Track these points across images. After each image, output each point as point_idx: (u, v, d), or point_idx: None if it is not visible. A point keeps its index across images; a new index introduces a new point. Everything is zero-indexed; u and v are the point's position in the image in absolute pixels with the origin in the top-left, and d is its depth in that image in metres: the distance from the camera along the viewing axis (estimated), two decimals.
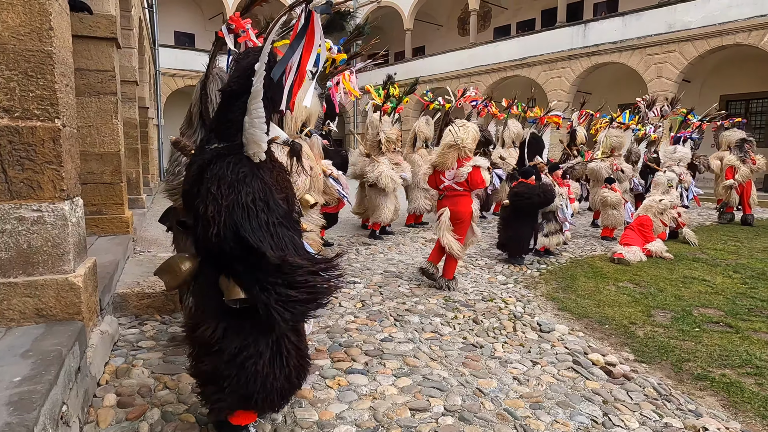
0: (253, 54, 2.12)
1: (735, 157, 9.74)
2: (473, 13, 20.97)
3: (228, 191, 1.93)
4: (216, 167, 1.99)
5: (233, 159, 2.01)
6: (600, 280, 5.50)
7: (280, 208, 2.01)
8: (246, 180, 1.97)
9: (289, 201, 2.22)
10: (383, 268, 5.80)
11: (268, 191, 2.00)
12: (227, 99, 2.11)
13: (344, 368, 3.13)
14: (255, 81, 1.98)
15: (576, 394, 2.95)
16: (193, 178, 2.06)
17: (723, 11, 14.05)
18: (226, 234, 1.91)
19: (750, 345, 3.73)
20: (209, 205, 1.93)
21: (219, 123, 2.13)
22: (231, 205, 1.91)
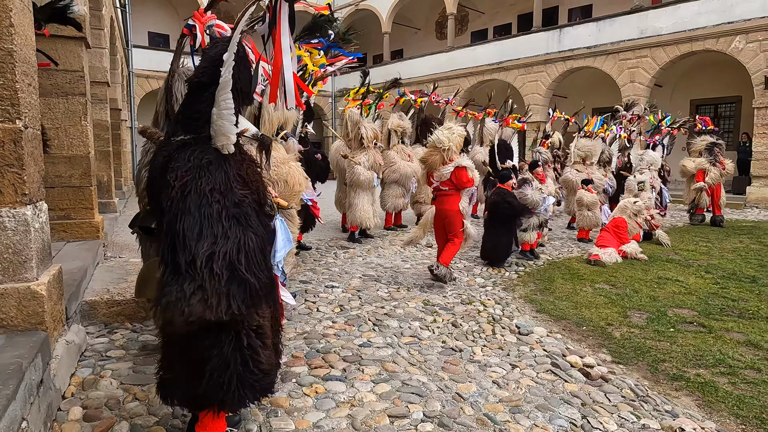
0: (221, 44, 2.06)
1: (705, 160, 9.98)
2: (451, 17, 21.11)
3: (185, 175, 1.86)
4: (180, 156, 1.92)
5: (199, 148, 1.95)
6: (577, 282, 5.55)
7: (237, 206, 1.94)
8: (209, 168, 1.91)
9: (260, 195, 2.14)
10: (362, 271, 5.75)
11: (229, 185, 1.93)
12: (194, 90, 2.05)
13: (322, 375, 3.07)
14: (223, 71, 1.92)
15: (555, 397, 2.95)
16: (159, 170, 1.99)
17: (692, 18, 14.43)
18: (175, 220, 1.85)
19: (723, 345, 3.79)
20: (164, 193, 1.87)
21: (185, 115, 2.06)
22: (188, 189, 1.85)
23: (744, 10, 13.47)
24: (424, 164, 5.35)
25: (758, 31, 13.25)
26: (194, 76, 2.08)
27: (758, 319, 4.38)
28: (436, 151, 5.14)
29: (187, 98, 2.09)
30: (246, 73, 2.03)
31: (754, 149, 13.67)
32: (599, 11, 18.42)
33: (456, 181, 5.04)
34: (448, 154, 5.07)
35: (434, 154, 5.17)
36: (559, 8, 20.40)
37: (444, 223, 5.24)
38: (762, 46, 13.23)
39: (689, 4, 14.71)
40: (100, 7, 7.55)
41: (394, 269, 5.91)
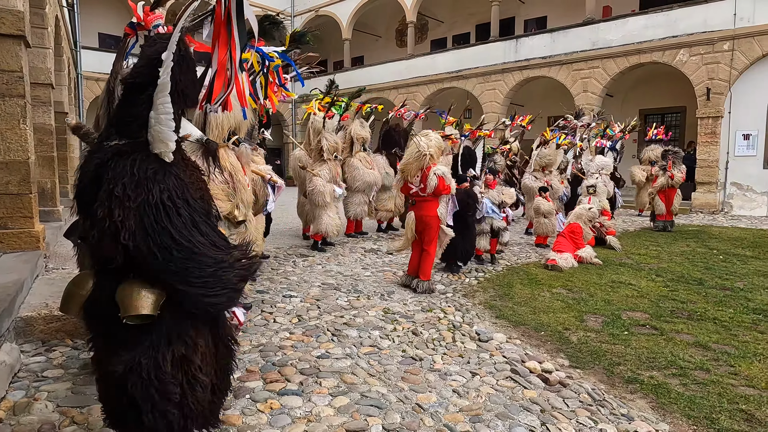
0: (159, 42, 1.91)
1: (657, 167, 10.39)
2: (410, 25, 21.31)
3: (136, 191, 1.73)
4: (118, 166, 1.77)
5: (138, 156, 1.80)
6: (535, 287, 5.62)
7: (200, 206, 1.85)
8: (157, 177, 1.78)
9: (207, 203, 2.02)
10: (321, 280, 5.64)
11: (185, 188, 1.82)
12: (130, 92, 1.89)
13: (277, 389, 2.95)
14: (162, 72, 1.78)
15: (515, 405, 2.93)
16: (90, 178, 1.83)
17: (640, 31, 15.08)
18: (140, 238, 1.72)
19: (674, 347, 3.90)
20: (114, 209, 1.71)
21: (121, 118, 1.90)
22: (142, 205, 1.72)
23: (687, 25, 14.19)
24: (403, 172, 5.35)
25: (700, 45, 13.98)
26: (130, 76, 1.92)
27: (705, 321, 4.54)
28: (416, 158, 5.16)
29: (123, 100, 1.93)
30: (189, 75, 1.90)
31: (698, 157, 14.36)
32: (553, 23, 19.00)
33: (436, 188, 5.12)
34: (429, 160, 5.12)
35: (413, 161, 5.18)
36: (515, 19, 20.93)
37: (421, 228, 5.31)
38: (704, 59, 13.95)
39: (637, 18, 15.39)
40: (42, 5, 7.16)
41: (354, 277, 5.83)
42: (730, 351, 3.83)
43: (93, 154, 1.90)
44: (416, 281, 5.31)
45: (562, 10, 18.98)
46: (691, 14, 14.16)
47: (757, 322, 4.50)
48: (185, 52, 1.88)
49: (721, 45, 13.63)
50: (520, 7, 20.51)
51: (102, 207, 1.74)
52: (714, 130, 13.97)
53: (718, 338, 4.09)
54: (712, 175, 14.03)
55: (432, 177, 5.06)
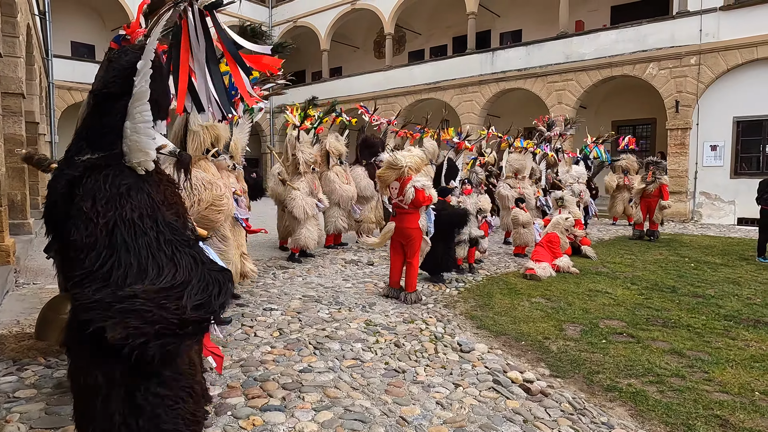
0: (132, 52, 1.88)
1: (639, 177, 10.66)
2: (388, 36, 21.51)
3: (106, 207, 1.67)
4: (90, 181, 1.72)
5: (112, 171, 1.75)
6: (515, 297, 5.68)
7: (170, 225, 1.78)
8: (130, 194, 1.72)
9: (181, 217, 1.97)
10: (302, 292, 5.59)
11: (155, 207, 1.77)
12: (103, 102, 1.86)
13: (259, 405, 2.91)
14: (138, 81, 1.75)
15: (498, 415, 2.95)
16: (60, 194, 1.77)
17: (611, 45, 15.53)
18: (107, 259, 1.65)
19: (650, 354, 3.98)
20: (82, 227, 1.65)
21: (93, 129, 1.86)
22: (111, 222, 1.66)
23: (656, 40, 14.67)
24: (379, 179, 5.46)
25: (668, 59, 14.46)
26: (102, 86, 1.88)
27: (680, 328, 4.65)
28: (391, 170, 5.25)
29: (94, 111, 1.88)
30: (162, 84, 1.88)
31: (668, 167, 14.76)
32: (528, 36, 19.42)
33: (414, 200, 5.18)
34: (405, 172, 5.18)
35: (388, 171, 5.28)
36: (491, 32, 21.31)
37: (404, 241, 5.37)
38: (672, 73, 14.42)
39: (608, 33, 15.84)
40: (14, 13, 7.02)
41: (335, 289, 5.81)
42: (703, 357, 3.93)
43: (62, 170, 1.83)
44: (404, 294, 5.36)
45: (537, 23, 19.41)
46: (659, 29, 14.65)
47: (728, 329, 4.63)
48: (158, 62, 1.85)
49: (688, 59, 14.12)
50: (496, 20, 20.91)
51: (73, 226, 1.68)
52: (683, 141, 14.42)
53: (692, 345, 4.20)
54: (682, 185, 14.45)
55: (410, 189, 5.12)
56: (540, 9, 19.13)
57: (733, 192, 13.75)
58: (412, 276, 5.36)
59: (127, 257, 1.64)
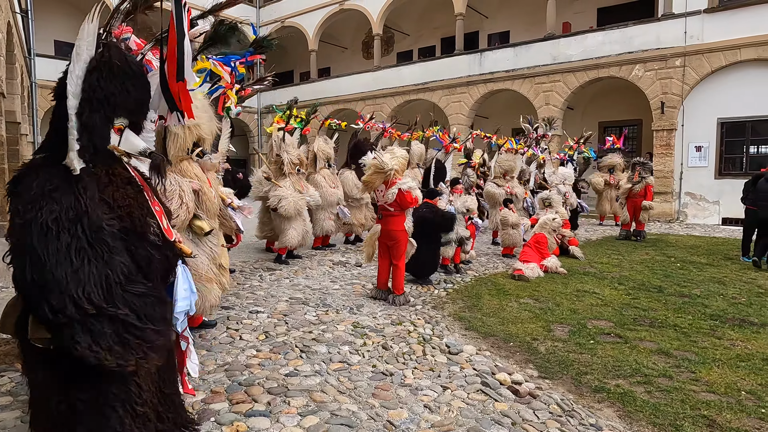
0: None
1: (626, 176, 10.72)
2: (377, 37, 21.47)
3: (26, 208, 1.63)
4: (26, 181, 1.70)
5: (46, 170, 1.72)
6: (503, 298, 5.67)
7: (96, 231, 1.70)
8: (53, 195, 1.66)
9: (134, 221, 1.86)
10: (289, 294, 5.53)
11: (82, 210, 1.68)
12: (57, 102, 1.83)
13: (244, 411, 2.85)
14: (69, 80, 1.72)
15: (486, 418, 2.92)
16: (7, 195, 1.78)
17: (598, 47, 15.64)
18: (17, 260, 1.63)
19: (638, 354, 3.98)
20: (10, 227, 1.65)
21: (49, 131, 1.85)
22: (27, 224, 1.61)
23: (642, 42, 14.80)
24: (366, 185, 5.39)
25: (654, 61, 14.60)
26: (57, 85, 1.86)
27: (666, 328, 4.67)
28: (377, 173, 5.19)
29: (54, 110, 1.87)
30: (115, 81, 1.79)
31: (654, 168, 14.91)
32: (516, 38, 19.49)
33: (400, 202, 5.16)
34: (391, 175, 5.15)
35: (374, 174, 5.22)
36: (479, 33, 21.36)
37: (390, 243, 5.34)
38: (658, 75, 14.56)
39: (595, 34, 15.95)
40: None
41: (323, 291, 5.75)
42: (690, 357, 3.94)
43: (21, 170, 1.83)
44: (392, 297, 5.33)
45: (525, 25, 19.50)
46: (645, 31, 14.78)
47: (714, 328, 4.66)
48: (110, 58, 1.78)
49: (673, 61, 14.27)
50: (484, 21, 20.97)
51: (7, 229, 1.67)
52: (668, 142, 14.56)
53: (679, 345, 4.21)
54: (668, 185, 14.59)
55: (392, 190, 5.09)
56: (528, 11, 19.22)
57: (717, 192, 13.91)
58: (399, 278, 5.33)
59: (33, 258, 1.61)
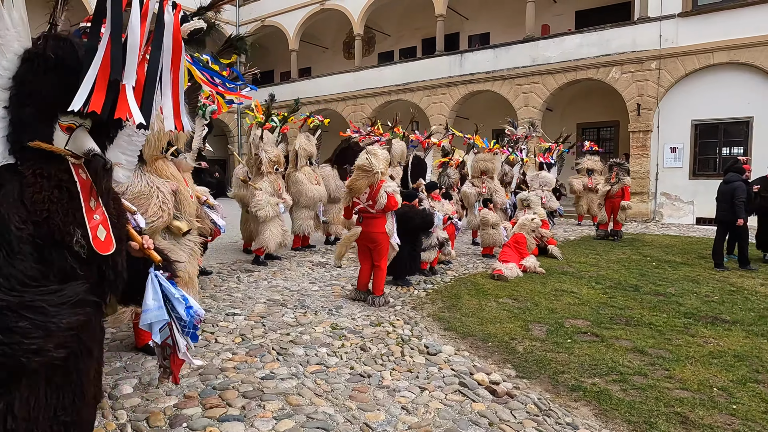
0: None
1: (603, 179, 10.89)
2: (358, 37, 21.43)
3: None
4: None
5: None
6: (482, 298, 5.68)
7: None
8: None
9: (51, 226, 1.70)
10: (267, 296, 5.46)
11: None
12: None
13: (217, 415, 2.79)
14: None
15: (463, 419, 2.91)
16: None
17: (576, 49, 15.85)
18: None
19: (614, 353, 4.02)
20: None
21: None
22: None
23: (618, 44, 15.05)
24: (350, 190, 5.30)
25: (630, 64, 14.85)
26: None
27: (642, 326, 4.73)
28: (363, 176, 5.13)
29: None
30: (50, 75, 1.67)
31: (631, 169, 15.16)
32: (496, 39, 19.63)
33: (386, 205, 5.15)
34: (378, 178, 5.11)
35: (361, 178, 5.16)
36: (459, 34, 21.48)
37: (371, 246, 5.32)
38: (634, 77, 14.81)
39: (573, 37, 16.17)
40: None
41: (302, 292, 5.69)
42: (665, 355, 4.00)
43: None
44: (371, 297, 5.31)
45: (504, 27, 19.66)
46: (621, 34, 15.03)
47: (688, 326, 4.74)
48: (44, 50, 1.66)
49: (649, 64, 14.53)
50: (464, 23, 21.09)
51: None
52: (644, 143, 14.82)
53: (654, 343, 4.27)
54: (644, 186, 14.85)
55: (382, 194, 5.09)
56: (507, 13, 19.39)
57: (691, 192, 14.20)
58: (380, 279, 5.30)
59: None
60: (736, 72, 13.39)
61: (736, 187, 7.31)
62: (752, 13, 13.03)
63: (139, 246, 2.02)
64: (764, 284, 6.54)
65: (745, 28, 13.03)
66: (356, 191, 5.23)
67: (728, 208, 7.37)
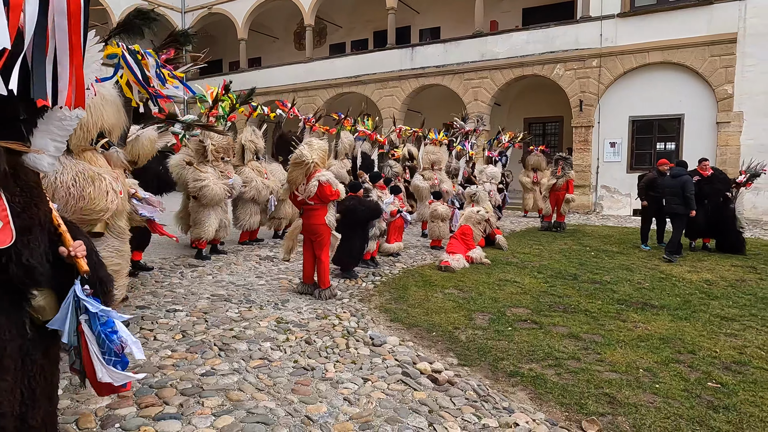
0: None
1: (549, 173, 11.28)
2: (309, 28, 21.13)
3: None
4: None
5: None
6: (429, 289, 5.78)
7: None
8: None
9: None
10: (211, 291, 5.33)
11: None
12: None
13: (153, 414, 2.71)
14: None
15: (404, 407, 2.97)
16: None
17: (522, 46, 16.29)
18: None
19: (551, 339, 4.20)
20: None
21: None
22: None
23: (562, 42, 15.57)
24: (288, 182, 5.30)
25: (573, 61, 15.41)
26: None
27: (578, 313, 4.96)
28: (298, 167, 5.12)
29: None
30: None
31: (574, 162, 15.78)
32: (446, 34, 19.87)
33: (320, 195, 5.10)
34: (311, 168, 5.08)
35: (296, 169, 5.16)
36: (410, 28, 21.58)
37: (312, 238, 5.30)
38: (577, 74, 15.38)
39: (519, 34, 16.59)
40: None
41: (247, 287, 5.60)
42: (597, 340, 4.21)
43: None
44: (317, 291, 5.29)
45: (454, 22, 19.92)
46: (565, 32, 15.56)
47: (620, 312, 5.00)
48: None
49: (590, 61, 15.12)
50: (416, 17, 21.20)
51: None
52: (586, 138, 15.45)
53: (588, 328, 4.49)
54: (586, 179, 15.49)
55: (313, 183, 5.05)
56: (457, 8, 19.63)
57: (629, 185, 14.91)
58: (324, 272, 5.29)
59: None
60: (670, 71, 14.16)
61: (685, 181, 7.70)
62: (684, 16, 13.80)
63: (67, 253, 1.89)
64: (691, 271, 6.98)
65: (677, 29, 13.79)
66: (293, 183, 5.21)
67: (681, 202, 7.76)
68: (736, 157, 12.96)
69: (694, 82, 13.86)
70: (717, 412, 3.03)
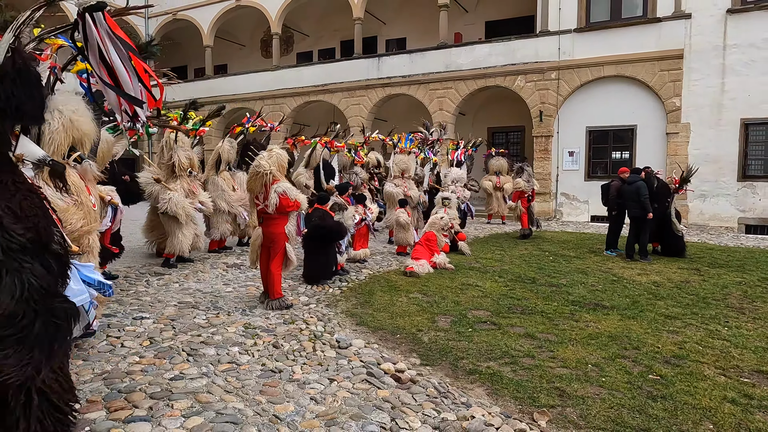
0: None
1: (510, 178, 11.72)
2: (276, 36, 21.16)
3: None
4: None
5: None
6: (394, 293, 5.96)
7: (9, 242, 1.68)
8: None
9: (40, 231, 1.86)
10: (178, 298, 5.36)
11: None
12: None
13: (123, 417, 2.78)
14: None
15: (368, 405, 3.12)
16: None
17: (485, 57, 16.81)
18: None
19: (508, 339, 4.43)
20: None
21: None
22: None
23: (523, 55, 16.15)
24: (249, 192, 5.29)
25: (533, 73, 15.99)
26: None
27: (535, 314, 5.22)
28: (255, 176, 5.09)
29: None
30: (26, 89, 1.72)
31: (534, 170, 16.33)
32: (412, 45, 20.27)
33: (279, 205, 5.04)
34: (268, 178, 5.06)
35: (254, 179, 5.11)
36: (377, 38, 21.90)
37: (269, 245, 5.28)
38: (537, 86, 15.97)
39: (482, 46, 17.11)
40: None
41: (215, 294, 5.65)
42: (551, 338, 4.47)
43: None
44: (267, 301, 5.23)
45: (420, 33, 20.34)
46: (525, 45, 16.15)
47: (573, 312, 5.30)
48: (22, 64, 1.70)
49: (549, 74, 15.73)
50: (382, 27, 21.53)
51: None
52: (546, 147, 16.02)
53: (544, 328, 4.75)
54: (546, 186, 16.03)
55: (272, 195, 5.01)
56: (422, 19, 20.06)
57: (587, 193, 15.56)
58: (275, 282, 5.22)
59: None
60: (623, 84, 14.88)
61: (639, 186, 8.31)
62: (635, 32, 14.56)
63: None
64: (641, 273, 7.40)
65: (629, 45, 14.53)
66: (252, 192, 5.21)
67: (638, 206, 8.30)
68: (684, 165, 13.70)
69: (646, 94, 14.61)
70: (655, 401, 3.31)
